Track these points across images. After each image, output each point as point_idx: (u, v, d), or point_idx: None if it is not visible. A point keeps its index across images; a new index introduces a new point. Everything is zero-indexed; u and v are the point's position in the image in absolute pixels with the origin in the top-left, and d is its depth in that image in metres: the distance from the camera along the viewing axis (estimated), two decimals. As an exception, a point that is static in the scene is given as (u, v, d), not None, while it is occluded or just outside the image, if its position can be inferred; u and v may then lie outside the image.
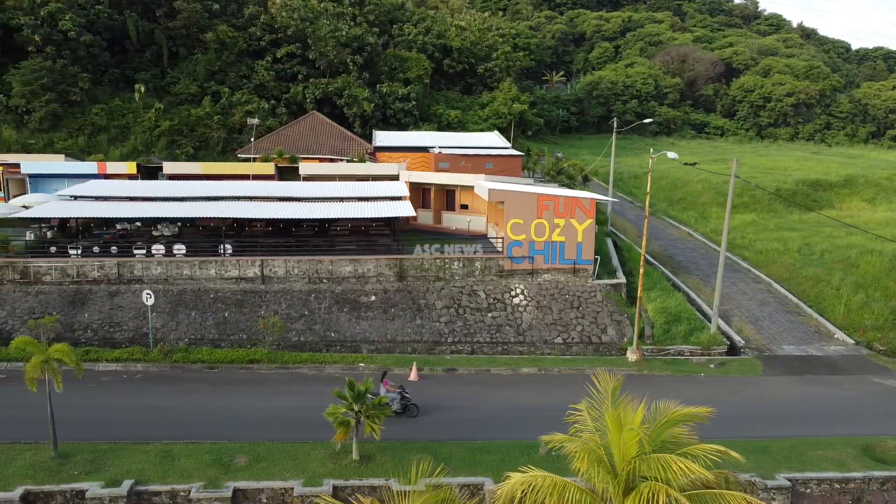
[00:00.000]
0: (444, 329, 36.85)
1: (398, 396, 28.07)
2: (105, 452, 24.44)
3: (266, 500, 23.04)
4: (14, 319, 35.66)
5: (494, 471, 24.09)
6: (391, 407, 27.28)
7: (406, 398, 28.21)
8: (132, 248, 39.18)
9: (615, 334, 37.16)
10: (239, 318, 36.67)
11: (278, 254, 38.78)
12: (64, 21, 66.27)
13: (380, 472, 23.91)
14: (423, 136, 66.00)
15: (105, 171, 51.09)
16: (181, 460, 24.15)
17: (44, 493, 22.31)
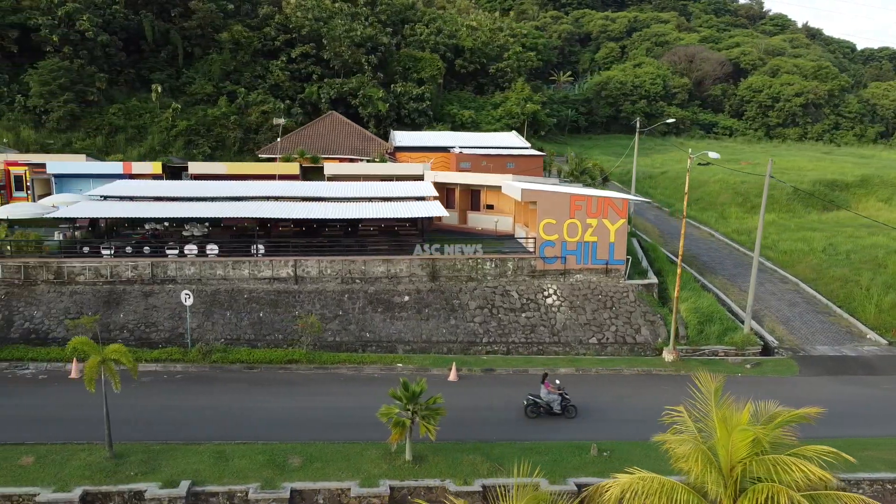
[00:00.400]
0: (478, 329, 36.86)
1: (559, 398, 28.44)
2: (158, 453, 24.43)
3: (322, 500, 23.08)
4: (50, 319, 35.63)
5: (548, 471, 24.11)
6: (552, 408, 27.95)
7: (566, 400, 28.53)
8: (164, 248, 39.08)
9: (649, 334, 37.19)
10: (274, 318, 36.65)
11: (309, 254, 38.70)
12: (82, 21, 66.22)
13: (434, 473, 23.93)
14: (442, 135, 66.01)
15: (130, 171, 51.07)
16: (235, 461, 24.14)
17: (102, 493, 22.33)
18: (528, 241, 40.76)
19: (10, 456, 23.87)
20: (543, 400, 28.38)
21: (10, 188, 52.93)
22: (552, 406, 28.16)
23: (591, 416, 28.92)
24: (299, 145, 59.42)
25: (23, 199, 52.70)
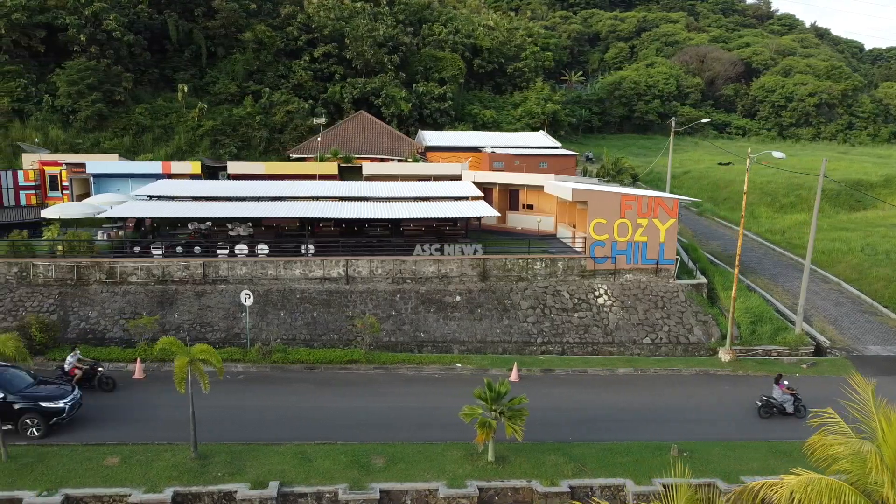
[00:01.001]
0: (532, 329, 36.86)
1: (791, 399, 28.75)
2: (240, 453, 24.40)
3: (410, 501, 23.00)
4: (105, 320, 35.56)
5: (631, 472, 24.18)
6: (785, 408, 28.39)
7: (798, 400, 28.79)
8: (215, 248, 39.01)
9: (702, 334, 37.22)
10: (327, 318, 36.62)
11: (359, 254, 38.67)
12: (108, 21, 66.07)
13: (519, 473, 23.92)
14: (472, 135, 66.05)
15: (169, 170, 50.97)
16: (318, 461, 24.12)
17: (192, 494, 22.29)
18: (576, 241, 40.72)
19: (94, 456, 23.79)
20: (777, 400, 28.83)
21: (46, 188, 52.76)
22: (785, 406, 28.63)
23: (661, 417, 28.94)
24: (331, 145, 59.34)
25: (58, 199, 52.59)
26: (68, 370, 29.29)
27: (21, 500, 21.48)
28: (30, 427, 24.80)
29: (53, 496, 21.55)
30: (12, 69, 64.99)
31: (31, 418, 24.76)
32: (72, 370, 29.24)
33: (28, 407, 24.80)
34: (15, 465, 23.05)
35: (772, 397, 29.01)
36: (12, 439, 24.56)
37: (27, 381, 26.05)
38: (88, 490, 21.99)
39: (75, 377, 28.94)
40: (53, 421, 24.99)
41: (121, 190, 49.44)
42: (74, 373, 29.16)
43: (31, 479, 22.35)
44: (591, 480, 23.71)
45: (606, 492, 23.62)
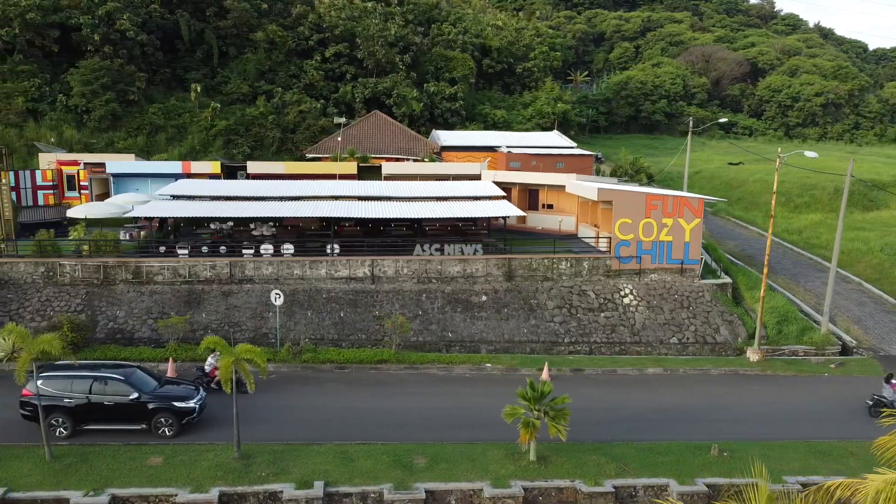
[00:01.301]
0: (559, 329, 36.86)
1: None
2: (282, 453, 24.38)
3: (455, 501, 22.99)
4: (133, 319, 35.52)
5: (673, 471, 24.20)
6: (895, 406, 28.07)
7: None
8: (240, 247, 39.00)
9: (728, 334, 37.24)
10: (354, 318, 36.61)
11: (383, 254, 38.66)
12: (122, 21, 65.97)
13: (562, 473, 23.93)
14: (486, 135, 66.08)
15: (189, 170, 50.95)
16: (360, 461, 24.11)
17: (238, 494, 22.28)
18: (599, 241, 40.75)
19: (137, 456, 23.78)
20: (888, 399, 28.85)
21: (63, 188, 52.69)
22: (894, 406, 28.40)
23: (694, 416, 28.99)
24: (347, 145, 59.31)
25: (75, 198, 52.55)
26: (208, 371, 29.68)
27: (68, 500, 21.44)
28: (163, 426, 25.07)
29: (100, 496, 21.53)
30: (26, 69, 64.94)
31: (165, 418, 25.06)
32: (212, 371, 29.55)
33: (162, 407, 25.11)
34: (59, 464, 23.03)
35: (882, 396, 29.11)
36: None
37: (154, 381, 26.29)
38: (134, 490, 21.96)
39: (215, 378, 29.10)
40: (185, 420, 25.32)
41: (140, 190, 49.42)
42: (214, 374, 29.38)
43: (76, 479, 22.33)
44: (635, 480, 23.72)
45: (650, 492, 23.63)
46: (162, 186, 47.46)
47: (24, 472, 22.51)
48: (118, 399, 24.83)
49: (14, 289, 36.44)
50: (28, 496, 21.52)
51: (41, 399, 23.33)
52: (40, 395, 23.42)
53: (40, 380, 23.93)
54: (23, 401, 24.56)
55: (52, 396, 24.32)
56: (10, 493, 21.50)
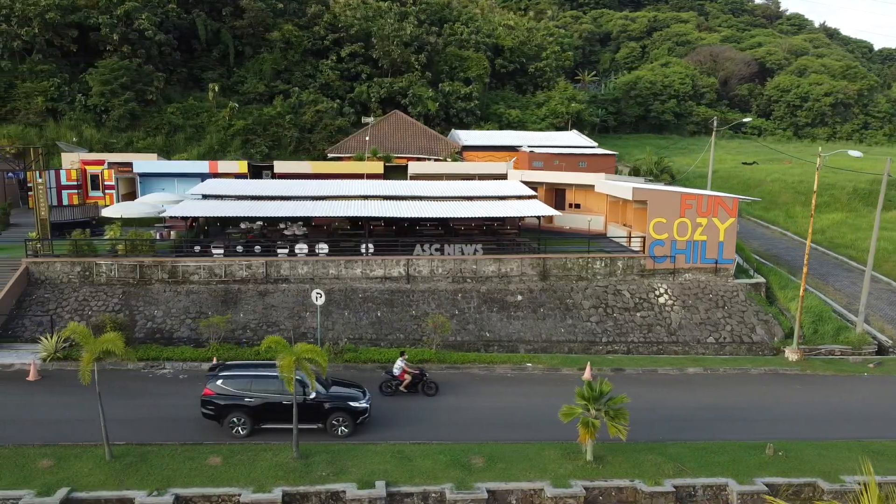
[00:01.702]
0: (596, 329, 36.87)
1: None
2: (339, 452, 24.35)
3: (515, 501, 22.97)
4: (171, 319, 35.47)
5: (731, 471, 24.20)
6: None
7: None
8: (274, 247, 38.96)
9: (764, 334, 37.26)
10: (392, 317, 36.59)
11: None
12: (140, 20, 65.87)
13: (620, 473, 23.91)
14: (506, 134, 66.09)
15: (216, 170, 50.89)
16: (418, 461, 24.07)
17: (300, 494, 22.23)
18: (632, 241, 40.77)
19: (196, 456, 23.74)
20: None
21: (87, 187, 52.58)
22: None
23: (741, 416, 29.03)
24: (367, 144, 59.24)
25: (99, 198, 52.44)
26: (398, 374, 29.81)
27: (133, 500, 21.38)
28: (338, 426, 25.43)
29: (163, 496, 21.47)
30: (45, 69, 64.80)
31: (340, 417, 25.40)
32: (401, 374, 29.74)
33: (338, 406, 25.47)
34: (119, 464, 22.99)
35: None
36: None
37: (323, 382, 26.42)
38: (197, 490, 21.91)
39: (405, 381, 29.58)
40: (359, 420, 25.59)
41: (166, 189, 49.35)
42: (404, 377, 29.68)
43: (137, 479, 22.28)
44: (693, 480, 23.71)
45: (708, 491, 23.63)
46: (188, 186, 47.42)
47: (86, 472, 22.45)
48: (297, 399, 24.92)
49: (51, 288, 36.38)
50: (92, 496, 21.45)
51: (222, 398, 24.55)
52: (221, 394, 24.63)
53: (220, 379, 24.90)
54: (204, 399, 25.00)
55: (232, 396, 24.89)
56: (73, 492, 21.46)
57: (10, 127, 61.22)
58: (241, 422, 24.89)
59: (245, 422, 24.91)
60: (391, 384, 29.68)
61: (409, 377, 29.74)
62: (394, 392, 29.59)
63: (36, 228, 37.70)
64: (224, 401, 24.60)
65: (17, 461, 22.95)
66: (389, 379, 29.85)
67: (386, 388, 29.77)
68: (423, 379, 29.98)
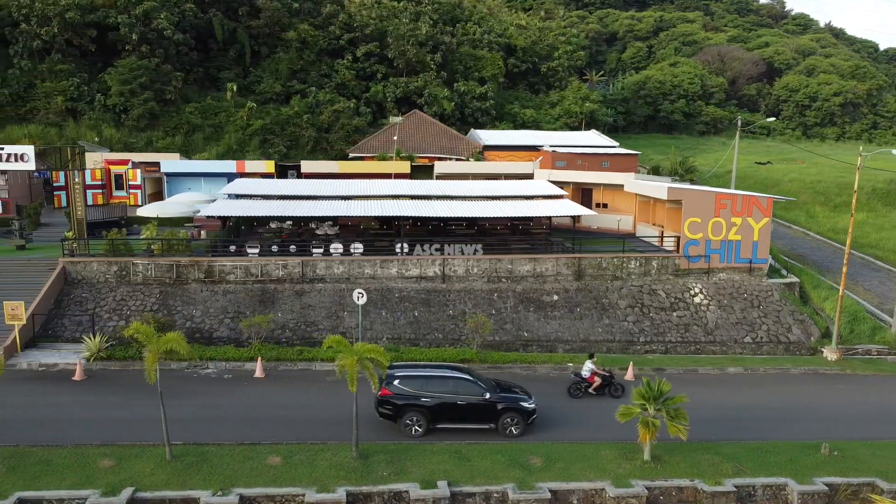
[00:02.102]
0: (633, 329, 36.88)
1: None
2: (397, 452, 24.33)
3: (577, 501, 22.96)
4: (210, 319, 35.43)
5: (788, 470, 24.21)
6: None
7: None
8: (308, 246, 38.94)
9: (801, 333, 37.30)
10: (429, 317, 36.58)
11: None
12: (159, 20, 65.75)
13: (679, 473, 23.91)
14: (526, 134, 66.13)
15: (243, 169, 50.83)
16: (476, 461, 24.05)
17: (363, 494, 22.20)
18: (664, 240, 40.81)
19: (255, 456, 23.71)
20: None
21: (111, 187, 52.49)
22: None
23: (788, 416, 29.06)
24: (388, 144, 59.22)
25: (123, 198, 52.38)
26: (587, 377, 29.86)
27: (198, 500, 21.34)
28: (509, 426, 25.64)
29: (228, 496, 21.43)
30: (65, 68, 64.73)
31: (512, 417, 25.64)
32: (591, 377, 29.78)
33: (510, 407, 25.68)
34: (181, 464, 22.94)
35: None
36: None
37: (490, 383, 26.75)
38: (261, 490, 21.88)
39: (594, 384, 29.61)
40: (529, 420, 25.80)
41: (192, 189, 49.33)
42: (594, 379, 29.70)
43: (200, 479, 22.23)
44: (753, 480, 23.71)
45: (768, 491, 23.64)
46: (215, 186, 47.44)
47: (148, 472, 22.40)
48: (471, 399, 25.48)
49: (88, 288, 36.33)
50: (157, 496, 21.41)
51: (399, 398, 25.21)
52: (398, 394, 25.23)
53: (397, 380, 25.37)
54: (381, 399, 25.40)
55: (409, 396, 25.33)
56: (138, 492, 21.41)
57: (31, 126, 61.14)
58: (417, 421, 25.27)
59: (421, 421, 25.29)
60: (580, 386, 29.73)
61: (598, 379, 29.76)
62: (582, 394, 29.73)
63: (72, 228, 37.58)
64: (401, 401, 25.16)
65: (79, 461, 22.90)
66: (578, 381, 29.85)
67: (574, 391, 29.86)
68: (611, 381, 29.94)
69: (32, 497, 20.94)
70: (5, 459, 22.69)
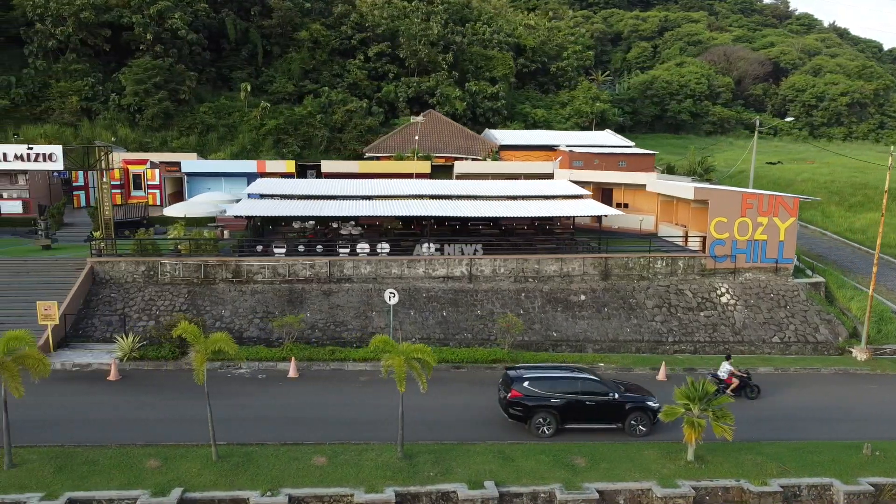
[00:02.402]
0: (661, 328, 36.86)
1: None
2: (441, 452, 24.31)
3: (623, 501, 22.93)
4: (240, 318, 35.38)
5: (832, 471, 24.17)
6: None
7: None
8: (335, 246, 38.91)
9: (828, 333, 37.30)
10: (458, 317, 36.54)
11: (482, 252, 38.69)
12: (174, 19, 65.66)
13: (724, 473, 23.88)
14: (542, 134, 66.18)
15: (264, 169, 50.75)
16: (519, 461, 24.01)
17: (411, 494, 22.17)
18: (689, 240, 40.80)
19: (300, 456, 23.66)
20: None
21: (129, 187, 52.40)
22: None
23: (824, 415, 29.02)
24: (404, 143, 59.21)
25: (141, 197, 52.28)
26: (724, 378, 30.00)
27: (247, 500, 21.30)
28: (636, 425, 25.82)
29: (277, 496, 21.36)
30: (79, 68, 64.68)
31: (639, 417, 25.84)
32: (729, 378, 29.93)
33: (637, 406, 25.89)
34: (227, 464, 22.88)
35: None
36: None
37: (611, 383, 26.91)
38: (309, 490, 21.82)
39: (732, 385, 29.78)
40: (655, 420, 25.74)
41: (212, 189, 49.24)
42: (731, 381, 29.86)
43: (247, 479, 22.17)
44: (798, 480, 23.69)
45: (813, 491, 23.61)
46: (235, 186, 47.41)
47: (195, 472, 22.34)
48: (599, 399, 25.62)
49: (116, 288, 36.27)
50: (206, 496, 21.35)
51: (530, 399, 25.44)
52: (528, 395, 25.46)
53: (526, 381, 25.64)
54: (512, 401, 25.60)
55: (539, 397, 25.54)
56: (187, 493, 21.34)
57: (47, 126, 61.06)
58: (547, 422, 25.42)
59: (551, 422, 25.43)
60: (718, 388, 29.53)
61: (736, 381, 29.86)
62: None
63: (100, 228, 37.50)
64: (532, 402, 25.34)
65: (124, 461, 22.83)
66: (716, 382, 29.67)
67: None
68: (748, 383, 30.04)
69: (83, 497, 20.89)
70: (52, 459, 22.62)
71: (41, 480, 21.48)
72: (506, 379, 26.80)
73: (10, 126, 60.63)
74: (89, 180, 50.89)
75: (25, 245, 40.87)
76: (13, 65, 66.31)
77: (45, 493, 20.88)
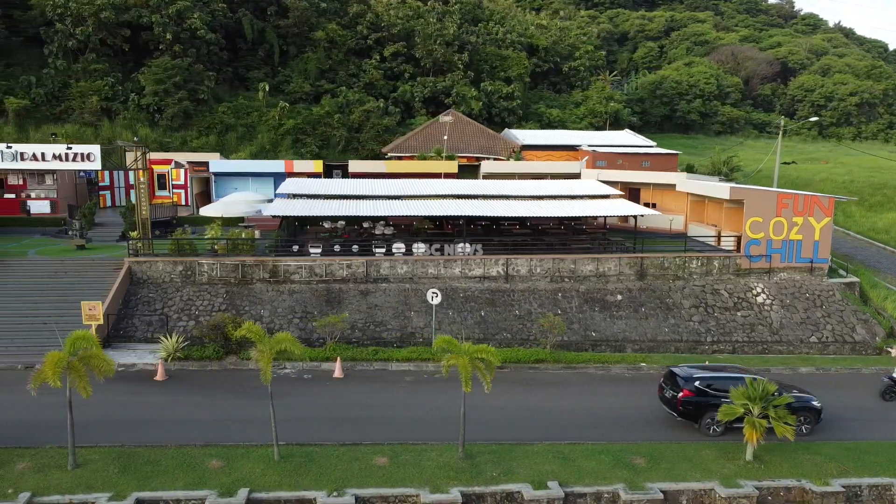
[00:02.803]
0: (699, 328, 36.86)
1: None
2: (501, 453, 24.30)
3: (686, 501, 22.91)
4: (279, 319, 35.30)
5: (890, 471, 24.24)
6: None
7: None
8: (370, 246, 38.86)
9: (866, 333, 37.32)
10: (496, 317, 36.50)
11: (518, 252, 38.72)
12: (192, 19, 65.55)
13: (783, 473, 23.90)
14: (563, 134, 66.20)
15: (292, 169, 50.65)
16: (579, 461, 24.01)
17: (476, 494, 22.15)
18: (722, 240, 40.84)
19: (361, 456, 23.62)
20: None
21: (154, 186, 52.27)
22: None
23: (870, 416, 29.00)
24: (425, 143, 59.14)
25: (166, 197, 52.15)
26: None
27: (314, 500, 21.26)
28: (801, 425, 25.73)
29: (343, 497, 21.34)
30: (99, 68, 64.58)
31: (805, 416, 26.03)
32: None
33: (803, 406, 26.07)
34: (290, 464, 22.85)
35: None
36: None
37: None
38: (374, 490, 21.79)
39: None
40: (819, 419, 26.23)
41: (238, 188, 49.12)
42: None
43: (311, 479, 22.15)
44: (859, 480, 23.72)
45: (874, 491, 23.63)
46: (262, 185, 47.37)
47: (259, 473, 22.30)
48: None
49: (154, 288, 36.18)
50: (272, 496, 21.32)
51: (701, 399, 25.76)
52: (700, 395, 25.82)
53: (696, 381, 25.94)
54: (684, 400, 25.91)
55: (710, 396, 25.72)
56: (253, 493, 21.29)
57: (67, 126, 60.91)
58: (717, 421, 25.33)
59: (719, 422, 25.27)
60: (894, 391, 29.63)
61: None
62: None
63: (137, 228, 37.40)
64: (703, 401, 25.60)
65: (186, 461, 22.79)
66: (892, 385, 29.85)
67: (888, 396, 30.02)
68: None
69: (150, 497, 20.85)
70: (115, 460, 22.57)
71: (107, 480, 21.44)
72: (672, 377, 26.97)
73: (31, 126, 60.52)
74: (115, 180, 50.71)
75: (59, 245, 40.72)
76: (33, 64, 66.18)
77: (112, 493, 20.85)
